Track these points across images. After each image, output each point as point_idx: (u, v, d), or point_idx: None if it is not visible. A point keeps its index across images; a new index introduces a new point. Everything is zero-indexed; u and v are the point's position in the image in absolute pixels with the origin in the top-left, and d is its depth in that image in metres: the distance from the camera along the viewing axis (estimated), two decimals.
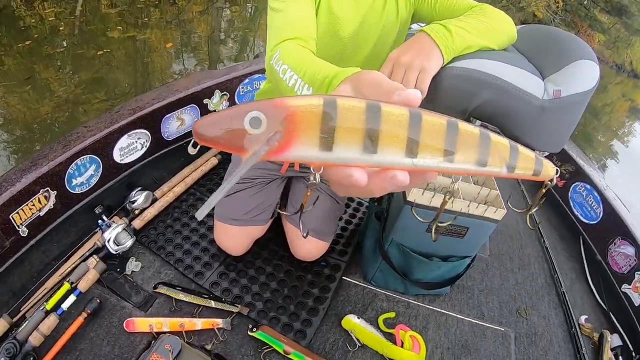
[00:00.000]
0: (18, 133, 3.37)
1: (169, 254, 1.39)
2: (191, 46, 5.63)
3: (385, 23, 1.07)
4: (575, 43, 0.99)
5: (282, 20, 0.86)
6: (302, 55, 0.72)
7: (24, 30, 5.41)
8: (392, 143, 0.29)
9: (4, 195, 1.14)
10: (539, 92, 0.90)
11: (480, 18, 0.94)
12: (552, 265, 1.67)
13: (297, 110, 0.27)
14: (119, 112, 1.43)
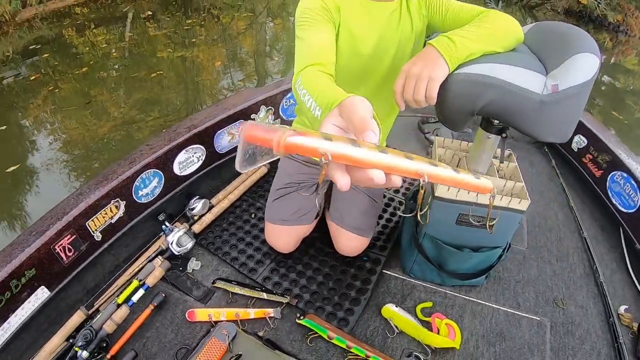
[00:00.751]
0: (77, 152, 3.65)
1: (225, 254, 1.55)
2: (238, 61, 5.82)
3: (401, 37, 1.18)
4: (576, 37, 1.06)
5: (305, 47, 0.98)
6: (318, 80, 0.83)
7: (77, 57, 5.79)
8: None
9: (81, 206, 1.33)
10: (539, 87, 0.98)
11: (484, 25, 1.02)
12: (591, 255, 1.67)
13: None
14: (176, 130, 1.63)
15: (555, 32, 1.14)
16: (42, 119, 4.30)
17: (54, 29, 7.43)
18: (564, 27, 1.14)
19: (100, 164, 3.47)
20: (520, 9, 11.22)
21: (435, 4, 1.17)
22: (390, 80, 1.01)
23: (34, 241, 1.22)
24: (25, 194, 3.26)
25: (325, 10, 1.08)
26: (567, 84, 0.98)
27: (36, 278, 1.23)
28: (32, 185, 3.33)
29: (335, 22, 1.11)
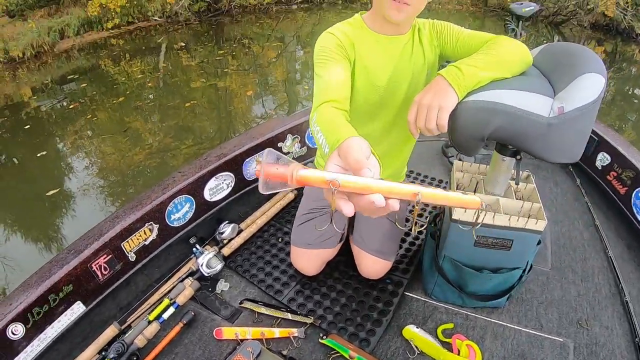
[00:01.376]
0: (113, 178, 3.83)
1: (253, 276, 1.62)
2: (270, 89, 5.97)
3: (414, 68, 1.24)
4: (582, 57, 1.09)
5: (322, 84, 1.05)
6: (331, 118, 0.89)
7: (113, 87, 6.03)
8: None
9: (117, 228, 1.44)
10: (546, 110, 1.02)
11: (492, 52, 1.08)
12: (617, 275, 1.65)
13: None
14: (207, 158, 1.73)
15: (563, 53, 1.18)
16: (80, 145, 4.52)
17: (91, 59, 7.81)
18: (572, 47, 1.18)
19: (136, 190, 3.64)
20: (546, 26, 11.13)
21: (446, 34, 1.23)
22: (406, 109, 1.07)
23: (72, 259, 1.33)
24: (62, 216, 3.45)
25: (340, 47, 1.15)
26: (572, 105, 1.01)
27: (73, 294, 1.33)
28: (68, 208, 3.52)
29: (351, 58, 1.17)
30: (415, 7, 1.10)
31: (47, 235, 3.28)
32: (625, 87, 7.62)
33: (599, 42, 10.40)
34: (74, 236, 2.83)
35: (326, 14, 10.84)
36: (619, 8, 10.40)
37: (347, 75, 1.10)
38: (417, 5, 1.10)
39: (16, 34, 8.09)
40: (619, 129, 5.47)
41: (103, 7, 9.12)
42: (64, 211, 3.50)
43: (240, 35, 9.01)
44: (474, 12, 11.92)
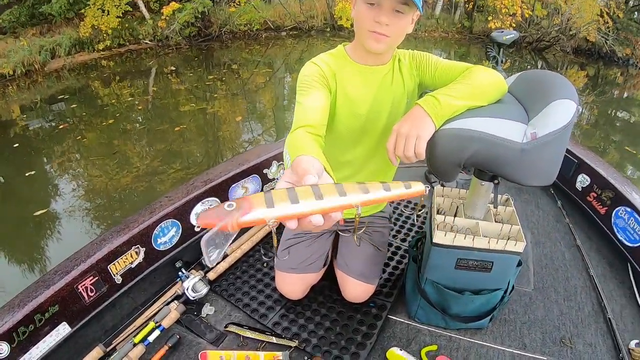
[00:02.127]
0: (99, 201, 3.81)
1: (238, 300, 1.63)
2: (258, 115, 6.00)
3: (394, 97, 1.28)
4: (555, 84, 1.14)
5: (300, 111, 1.08)
6: (299, 141, 0.92)
7: (103, 109, 6.04)
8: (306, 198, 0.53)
9: (103, 250, 1.46)
10: (519, 136, 1.05)
11: (468, 82, 1.12)
12: (599, 292, 1.68)
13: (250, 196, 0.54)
14: (194, 183, 1.76)
15: (536, 80, 1.23)
16: (68, 166, 4.51)
17: (81, 80, 7.84)
18: (545, 75, 1.22)
19: (122, 213, 3.62)
20: (529, 52, 11.41)
21: (425, 64, 1.27)
22: (387, 137, 1.10)
23: (58, 280, 1.34)
24: (49, 238, 3.42)
25: (322, 77, 1.18)
26: (545, 130, 1.04)
27: (58, 314, 1.33)
28: (55, 230, 3.49)
29: (332, 87, 1.21)
30: (394, 39, 1.14)
31: (32, 256, 3.25)
32: (608, 109, 7.77)
33: (582, 67, 10.66)
34: (58, 258, 2.81)
35: (314, 41, 11.05)
36: (601, 33, 10.71)
37: (326, 103, 1.13)
38: (396, 36, 1.14)
39: (7, 51, 8.14)
40: (602, 151, 5.57)
41: (95, 29, 9.23)
42: (50, 232, 3.48)
43: (229, 60, 9.14)
44: (459, 40, 12.20)
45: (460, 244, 1.29)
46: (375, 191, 0.57)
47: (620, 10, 10.96)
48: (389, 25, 1.09)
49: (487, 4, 11.28)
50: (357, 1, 1.13)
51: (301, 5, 11.77)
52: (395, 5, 1.06)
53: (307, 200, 0.53)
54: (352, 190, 0.56)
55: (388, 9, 1.07)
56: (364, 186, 0.57)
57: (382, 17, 1.07)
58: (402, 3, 1.06)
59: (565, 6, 10.63)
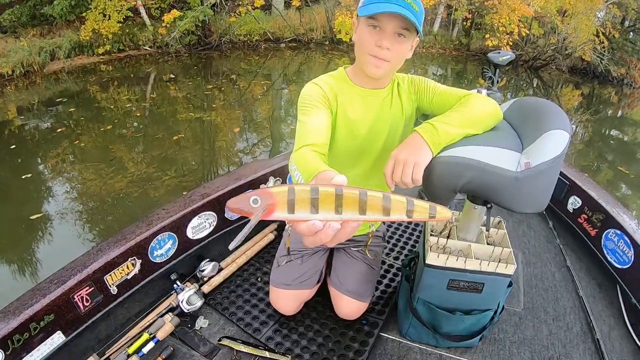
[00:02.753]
0: (92, 205, 3.82)
1: (232, 314, 1.64)
2: (254, 125, 6.01)
3: (393, 121, 1.31)
4: (549, 114, 1.17)
5: (303, 130, 1.11)
6: (307, 158, 0.95)
7: (101, 114, 6.04)
8: (325, 208, 0.54)
9: (100, 261, 1.47)
10: (513, 165, 1.08)
11: (464, 110, 1.15)
12: (588, 313, 1.71)
13: (275, 194, 0.54)
14: (191, 197, 1.78)
15: (531, 108, 1.26)
16: (63, 170, 4.50)
17: (80, 83, 7.82)
18: (539, 103, 1.26)
19: (114, 218, 3.62)
20: (525, 70, 11.54)
21: (423, 89, 1.31)
22: (383, 159, 1.13)
23: (55, 289, 1.35)
24: (45, 242, 3.41)
25: (324, 97, 1.21)
26: (538, 160, 1.07)
27: (53, 323, 1.34)
28: (51, 233, 3.48)
29: (333, 108, 1.24)
30: (394, 64, 1.17)
31: (25, 259, 3.24)
32: (602, 128, 7.87)
33: (577, 86, 10.80)
34: (52, 262, 2.78)
35: (313, 53, 11.12)
36: (596, 52, 10.85)
37: (328, 122, 1.16)
38: (396, 62, 1.17)
39: (7, 50, 8.12)
40: (596, 169, 5.62)
41: (95, 33, 9.23)
42: (46, 236, 3.47)
43: (228, 70, 9.16)
44: (456, 57, 12.33)
45: (453, 265, 1.32)
46: (397, 214, 0.58)
47: (616, 30, 11.14)
48: (390, 50, 1.12)
49: (484, 22, 11.42)
50: (360, 24, 1.16)
51: (301, 18, 11.85)
52: (398, 28, 1.10)
53: (326, 213, 0.55)
54: (374, 209, 0.56)
55: (390, 32, 1.10)
56: (387, 206, 0.57)
57: (384, 41, 1.10)
58: (403, 27, 1.09)
59: (561, 26, 10.80)
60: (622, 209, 1.98)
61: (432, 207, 0.61)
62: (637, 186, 5.25)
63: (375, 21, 1.10)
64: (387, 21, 1.09)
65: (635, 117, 8.95)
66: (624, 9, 11.36)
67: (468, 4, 11.58)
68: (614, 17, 11.69)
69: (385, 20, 1.09)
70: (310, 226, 0.54)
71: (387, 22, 1.09)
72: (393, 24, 1.09)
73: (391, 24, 1.09)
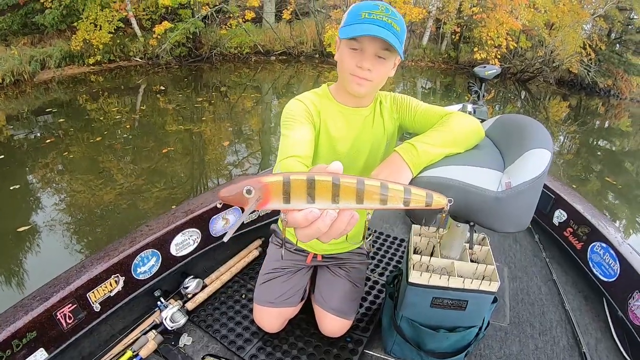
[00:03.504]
0: (80, 216, 3.78)
1: (215, 331, 1.63)
2: (244, 138, 6.01)
3: (375, 138, 1.31)
4: (531, 132, 1.17)
5: (287, 142, 1.10)
6: (292, 167, 0.95)
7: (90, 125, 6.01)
8: (322, 197, 0.51)
9: (83, 278, 1.45)
10: (494, 185, 1.08)
11: (446, 129, 1.15)
12: (574, 327, 1.71)
13: (269, 183, 0.51)
14: (175, 214, 1.77)
15: (513, 125, 1.27)
16: (51, 181, 4.46)
17: (70, 93, 7.80)
18: (522, 121, 1.25)
19: (103, 230, 3.59)
20: (514, 83, 11.69)
21: (405, 107, 1.31)
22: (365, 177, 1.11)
23: (37, 306, 1.33)
24: (26, 252, 3.37)
25: (307, 113, 1.22)
26: (519, 179, 1.07)
27: (36, 340, 1.32)
28: (39, 246, 3.44)
29: (316, 125, 1.24)
30: (376, 83, 1.17)
31: (11, 271, 3.20)
32: (590, 139, 7.97)
33: (564, 97, 10.94)
34: (38, 275, 2.74)
35: (303, 67, 11.20)
36: (583, 65, 11.02)
37: (312, 137, 1.16)
38: (378, 81, 1.17)
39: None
40: (584, 179, 5.67)
41: (86, 43, 9.23)
42: (32, 248, 3.42)
43: (218, 82, 9.19)
44: (445, 70, 12.47)
45: (436, 283, 1.31)
46: (394, 203, 0.56)
47: (602, 42, 11.37)
48: (371, 70, 1.12)
49: (473, 35, 11.58)
50: (341, 45, 1.17)
51: (292, 31, 11.94)
52: (378, 50, 1.10)
53: (322, 202, 0.52)
54: (371, 198, 0.54)
55: (370, 54, 1.11)
56: (385, 195, 0.55)
57: (364, 63, 1.11)
58: (384, 49, 1.10)
59: (549, 38, 10.99)
60: (608, 222, 1.99)
61: (428, 195, 0.59)
62: (624, 196, 5.31)
63: (356, 43, 1.10)
64: (368, 43, 1.09)
65: (622, 128, 9.11)
66: (610, 22, 11.61)
67: (457, 17, 11.76)
68: (600, 29, 11.95)
69: (366, 43, 1.09)
70: (307, 214, 0.51)
71: (367, 44, 1.10)
72: (373, 46, 1.10)
73: (371, 46, 1.10)
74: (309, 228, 0.53)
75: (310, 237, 0.54)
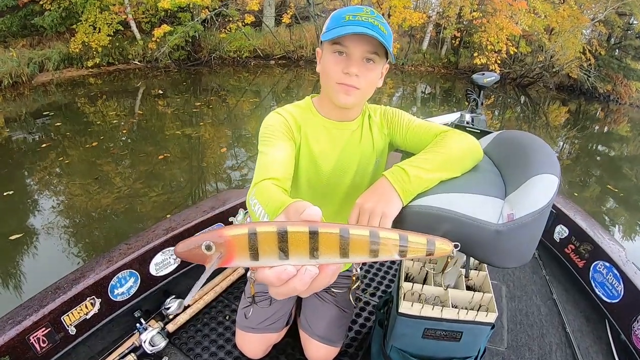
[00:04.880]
0: (78, 220, 3.73)
1: (197, 356, 1.55)
2: (243, 142, 5.96)
3: (362, 156, 1.22)
4: (537, 154, 1.05)
5: (264, 162, 1.02)
6: (270, 192, 0.86)
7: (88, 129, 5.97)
8: (298, 252, 0.43)
9: (57, 301, 1.38)
10: (495, 216, 0.95)
11: (441, 150, 1.04)
12: (575, 350, 1.63)
13: (232, 238, 0.43)
14: (155, 231, 1.68)
15: (515, 145, 1.15)
16: (47, 185, 4.41)
17: (68, 96, 7.78)
18: (525, 140, 1.14)
19: (100, 233, 3.56)
20: (513, 88, 11.67)
21: (396, 122, 1.21)
22: (352, 198, 1.02)
23: (9, 329, 1.27)
24: (23, 255, 3.32)
25: (287, 127, 1.13)
26: (523, 211, 0.94)
27: None
28: (29, 247, 3.39)
29: (297, 140, 1.15)
30: (364, 91, 1.08)
31: (7, 272, 3.13)
32: (589, 144, 7.96)
33: (564, 102, 10.96)
34: (32, 282, 2.68)
35: (303, 71, 11.15)
36: (583, 70, 11.03)
37: (291, 155, 1.08)
38: (366, 89, 1.08)
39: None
40: (583, 185, 5.60)
41: (85, 45, 9.21)
42: (25, 249, 3.37)
43: (217, 86, 9.15)
44: (444, 74, 12.46)
45: (428, 314, 1.22)
46: (387, 255, 0.47)
47: (602, 47, 11.38)
48: (358, 77, 1.03)
49: (473, 40, 11.56)
50: (324, 52, 1.08)
51: (291, 35, 11.91)
52: (365, 53, 1.01)
53: (298, 257, 0.44)
54: (359, 249, 0.46)
55: (358, 57, 1.02)
56: (376, 245, 0.46)
57: (351, 68, 1.02)
58: (372, 52, 1.01)
59: (549, 44, 10.96)
60: (612, 239, 1.91)
61: (430, 243, 0.51)
62: (624, 202, 5.25)
63: (341, 46, 1.02)
64: (354, 45, 1.01)
65: (621, 132, 9.11)
66: (610, 27, 11.62)
67: (457, 22, 11.73)
68: (600, 34, 11.96)
69: (352, 45, 1.01)
70: (281, 273, 0.44)
71: (354, 46, 1.01)
72: (361, 49, 1.01)
73: (358, 48, 1.01)
74: (284, 286, 0.45)
75: (285, 295, 0.47)
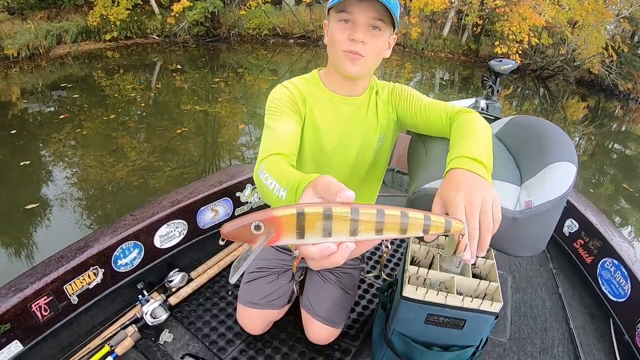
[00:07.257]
0: (92, 192, 3.80)
1: (197, 329, 1.55)
2: (258, 119, 5.97)
3: (366, 133, 1.19)
4: (554, 141, 1.01)
5: (270, 137, 1.01)
6: (281, 166, 0.85)
7: (104, 101, 6.03)
8: (340, 231, 0.47)
9: (60, 270, 1.38)
10: (512, 202, 0.92)
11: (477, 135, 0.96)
12: (577, 347, 1.60)
13: (282, 218, 0.45)
14: (161, 203, 1.67)
15: (530, 131, 1.11)
16: (63, 157, 4.47)
17: (85, 69, 7.84)
18: (541, 126, 1.10)
19: (113, 206, 3.61)
20: (533, 79, 11.43)
21: (405, 100, 1.18)
22: (356, 174, 1.00)
23: (11, 297, 1.27)
24: (37, 226, 3.38)
25: (292, 101, 1.11)
26: (541, 199, 0.90)
27: (10, 332, 1.27)
28: (43, 218, 3.46)
29: (302, 113, 1.13)
30: (370, 60, 1.06)
31: (20, 242, 3.20)
32: (606, 141, 7.82)
33: (583, 98, 10.76)
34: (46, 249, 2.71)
35: (321, 51, 11.03)
36: (604, 66, 10.79)
37: (297, 130, 1.07)
38: (372, 57, 1.06)
39: (13, 32, 8.12)
40: (597, 182, 5.51)
41: (103, 19, 9.22)
42: (40, 225, 3.41)
43: (235, 63, 9.12)
44: (464, 62, 12.25)
45: (432, 299, 1.20)
46: (413, 232, 0.52)
47: (625, 44, 11.11)
48: (365, 43, 1.01)
49: (495, 29, 11.32)
50: (330, 22, 1.06)
51: (311, 15, 11.76)
52: (371, 20, 0.99)
53: (340, 235, 0.48)
54: (391, 228, 0.50)
55: (364, 24, 1.00)
56: (405, 224, 0.51)
57: (357, 34, 0.99)
58: (377, 18, 0.99)
59: (571, 37, 10.71)
60: (622, 237, 1.86)
61: (447, 222, 0.56)
62: (638, 202, 5.17)
63: (347, 14, 1.00)
64: (360, 12, 0.98)
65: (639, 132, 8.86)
66: (634, 24, 11.32)
67: (479, 10, 11.47)
68: (623, 31, 11.64)
69: (357, 11, 0.98)
70: (324, 250, 0.48)
71: (359, 12, 0.98)
72: (366, 15, 0.98)
73: (364, 15, 0.99)
74: (326, 260, 0.50)
75: (323, 267, 0.52)
